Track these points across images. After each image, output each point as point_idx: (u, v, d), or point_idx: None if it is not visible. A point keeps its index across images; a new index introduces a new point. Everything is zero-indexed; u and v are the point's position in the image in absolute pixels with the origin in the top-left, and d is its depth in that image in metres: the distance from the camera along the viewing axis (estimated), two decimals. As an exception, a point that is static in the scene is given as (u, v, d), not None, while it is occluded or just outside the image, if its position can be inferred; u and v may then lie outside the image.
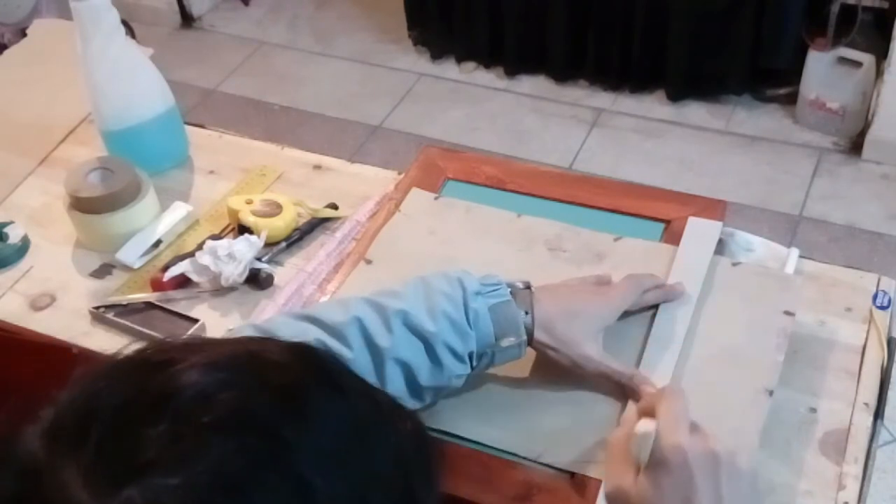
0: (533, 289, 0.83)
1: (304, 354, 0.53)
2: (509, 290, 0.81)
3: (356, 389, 0.53)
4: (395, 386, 0.78)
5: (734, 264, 0.95)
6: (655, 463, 0.63)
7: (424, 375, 0.78)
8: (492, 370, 0.83)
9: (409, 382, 0.78)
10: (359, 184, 1.14)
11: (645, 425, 0.64)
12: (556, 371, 0.84)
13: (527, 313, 0.80)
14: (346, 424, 0.49)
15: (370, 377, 0.77)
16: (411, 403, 0.80)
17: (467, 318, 0.78)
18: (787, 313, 0.89)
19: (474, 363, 0.80)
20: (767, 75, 2.61)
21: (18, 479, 0.45)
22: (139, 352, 0.51)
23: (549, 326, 0.81)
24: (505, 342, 0.79)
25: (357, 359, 0.76)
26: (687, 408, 0.66)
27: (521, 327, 0.80)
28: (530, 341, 0.81)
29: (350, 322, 0.77)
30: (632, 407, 0.72)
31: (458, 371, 0.79)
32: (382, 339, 0.77)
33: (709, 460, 0.62)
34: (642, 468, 0.63)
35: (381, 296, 0.80)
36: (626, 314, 0.88)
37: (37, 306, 1.02)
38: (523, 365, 0.85)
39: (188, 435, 0.44)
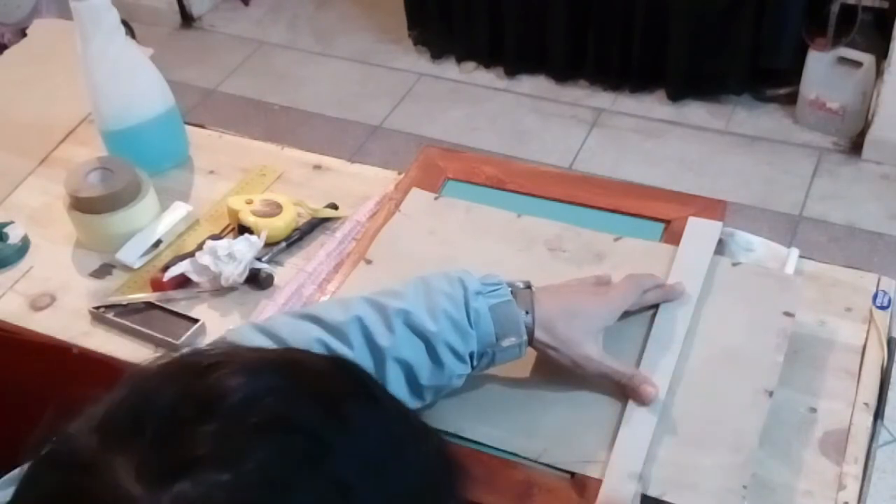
0: (533, 289, 0.83)
1: (343, 366, 0.55)
2: (510, 289, 0.81)
3: (390, 403, 0.54)
4: (396, 385, 0.78)
5: (734, 264, 0.95)
6: None
7: (425, 375, 0.78)
8: (492, 370, 0.84)
9: (410, 382, 0.78)
10: (359, 184, 1.14)
11: None
12: (556, 371, 0.85)
13: (527, 313, 0.80)
14: (384, 435, 0.50)
15: None
16: (412, 403, 0.80)
17: (468, 318, 0.78)
18: (787, 314, 0.89)
19: (475, 363, 0.80)
20: (767, 75, 2.60)
21: (69, 474, 0.45)
22: (184, 356, 0.52)
23: (550, 326, 0.81)
24: (506, 342, 0.79)
25: (358, 358, 0.76)
26: None
27: (522, 327, 0.80)
28: (531, 341, 0.81)
29: (351, 321, 0.77)
30: None
31: (458, 371, 0.80)
32: (383, 339, 0.77)
33: None
34: None
35: (382, 295, 0.80)
36: (626, 314, 0.88)
37: (37, 306, 1.02)
38: (523, 365, 0.85)
39: (237, 434, 0.45)
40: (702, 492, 0.77)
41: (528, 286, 0.83)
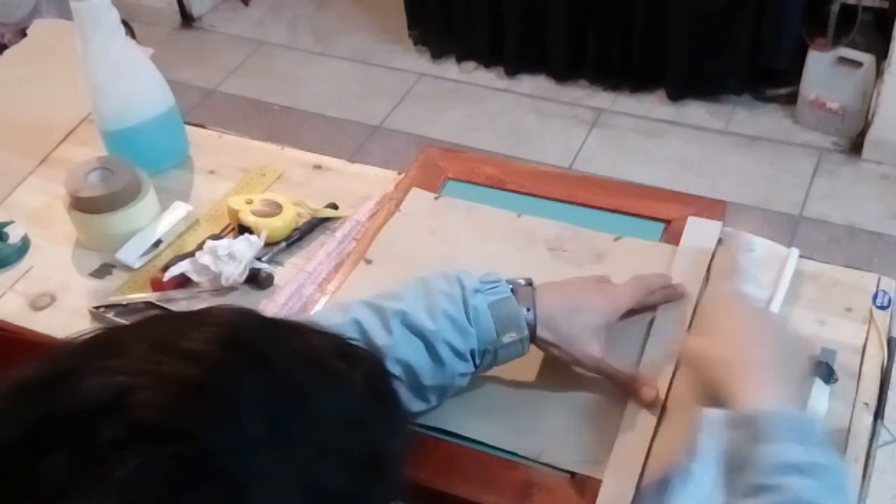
0: (535, 286, 0.83)
1: (227, 330, 0.48)
2: (511, 287, 0.81)
3: (287, 355, 0.48)
4: (397, 387, 0.78)
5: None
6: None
7: (427, 375, 0.78)
8: (492, 371, 0.84)
9: (412, 383, 0.78)
10: (359, 184, 1.14)
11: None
12: (556, 371, 0.85)
13: (529, 310, 0.80)
14: (275, 401, 0.45)
15: None
16: (416, 405, 0.80)
17: (467, 316, 0.78)
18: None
19: (477, 361, 0.80)
20: (767, 75, 2.60)
21: None
22: (33, 367, 0.45)
23: (551, 323, 0.81)
24: (507, 338, 0.79)
25: None
26: None
27: (523, 323, 0.80)
28: (533, 338, 0.81)
29: (348, 324, 0.77)
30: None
31: (460, 369, 0.79)
32: (381, 339, 0.77)
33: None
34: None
35: (380, 297, 0.80)
36: (630, 313, 0.87)
37: (37, 306, 1.02)
38: (523, 365, 0.85)
39: (91, 457, 0.39)
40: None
41: (530, 283, 0.83)
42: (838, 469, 0.67)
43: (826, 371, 0.83)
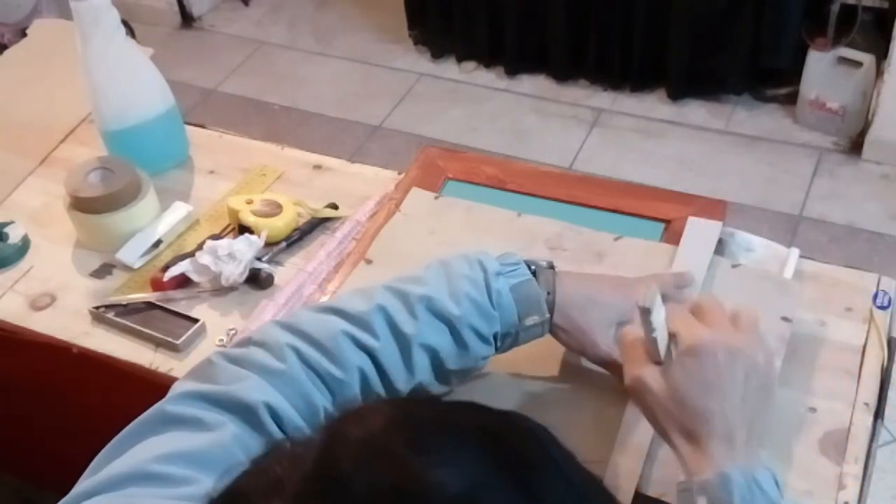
0: (557, 270, 0.83)
1: (524, 427, 0.50)
2: (532, 268, 0.81)
3: (572, 464, 0.51)
4: (423, 372, 0.77)
5: (734, 266, 0.95)
6: (682, 352, 0.70)
7: (451, 359, 0.78)
8: (491, 369, 0.84)
9: (436, 367, 0.78)
10: (359, 184, 1.14)
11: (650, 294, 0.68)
12: (556, 371, 0.85)
13: (549, 293, 0.80)
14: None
15: (398, 365, 0.76)
16: (438, 389, 0.80)
17: (490, 300, 0.78)
18: (785, 319, 0.88)
19: (499, 343, 0.80)
20: (767, 75, 2.60)
21: None
22: (389, 427, 0.45)
23: (568, 310, 0.81)
24: (529, 321, 0.79)
25: (384, 347, 0.75)
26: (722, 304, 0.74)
27: (544, 305, 0.80)
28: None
29: (374, 311, 0.76)
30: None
31: (483, 353, 0.79)
32: (408, 326, 0.76)
33: (730, 352, 0.69)
34: (663, 357, 0.71)
35: (403, 282, 0.79)
36: None
37: (37, 306, 1.02)
38: (523, 364, 0.85)
39: None
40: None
41: (552, 266, 0.83)
42: None
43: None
